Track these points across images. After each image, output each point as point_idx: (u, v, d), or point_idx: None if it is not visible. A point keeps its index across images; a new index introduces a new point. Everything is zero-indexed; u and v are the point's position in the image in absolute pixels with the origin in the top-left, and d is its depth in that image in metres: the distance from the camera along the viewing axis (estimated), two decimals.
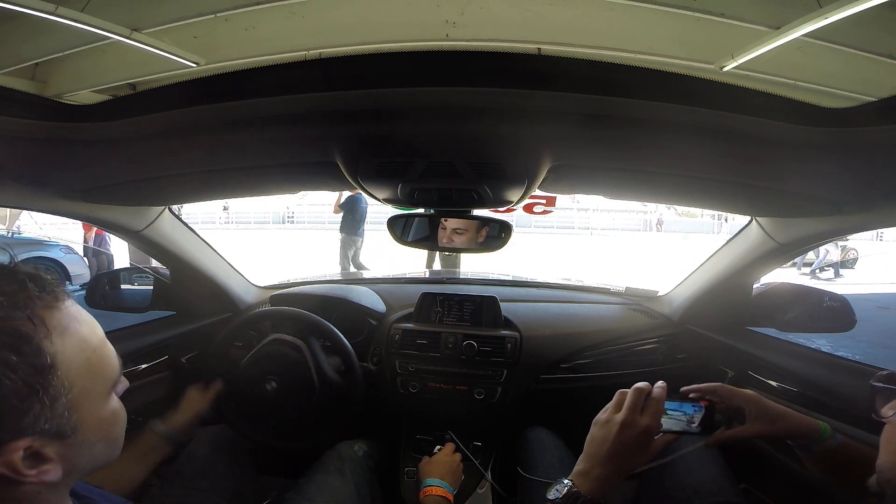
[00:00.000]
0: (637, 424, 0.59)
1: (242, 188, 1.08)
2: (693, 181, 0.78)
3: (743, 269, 1.13)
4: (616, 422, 0.60)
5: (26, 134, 0.62)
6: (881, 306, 5.86)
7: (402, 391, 1.29)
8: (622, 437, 0.59)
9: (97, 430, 0.42)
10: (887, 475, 0.48)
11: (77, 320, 0.42)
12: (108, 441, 0.45)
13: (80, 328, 0.42)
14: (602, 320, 1.39)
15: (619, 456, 0.59)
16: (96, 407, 0.42)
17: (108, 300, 1.31)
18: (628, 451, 0.59)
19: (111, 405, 0.45)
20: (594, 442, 0.61)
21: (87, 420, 0.41)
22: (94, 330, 0.44)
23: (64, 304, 0.41)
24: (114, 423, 0.45)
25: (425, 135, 0.67)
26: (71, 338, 0.40)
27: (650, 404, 0.61)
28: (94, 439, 0.42)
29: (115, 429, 0.45)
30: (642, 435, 0.59)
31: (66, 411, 0.39)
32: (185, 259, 1.24)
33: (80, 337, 0.41)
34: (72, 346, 0.40)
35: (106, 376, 0.44)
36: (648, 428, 0.59)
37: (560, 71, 0.54)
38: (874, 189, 0.68)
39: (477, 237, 1.09)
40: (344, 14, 0.99)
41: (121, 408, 0.46)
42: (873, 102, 0.52)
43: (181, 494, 0.89)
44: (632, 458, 0.59)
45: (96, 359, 0.42)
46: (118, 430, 0.46)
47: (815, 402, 0.93)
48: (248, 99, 0.58)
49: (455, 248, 1.13)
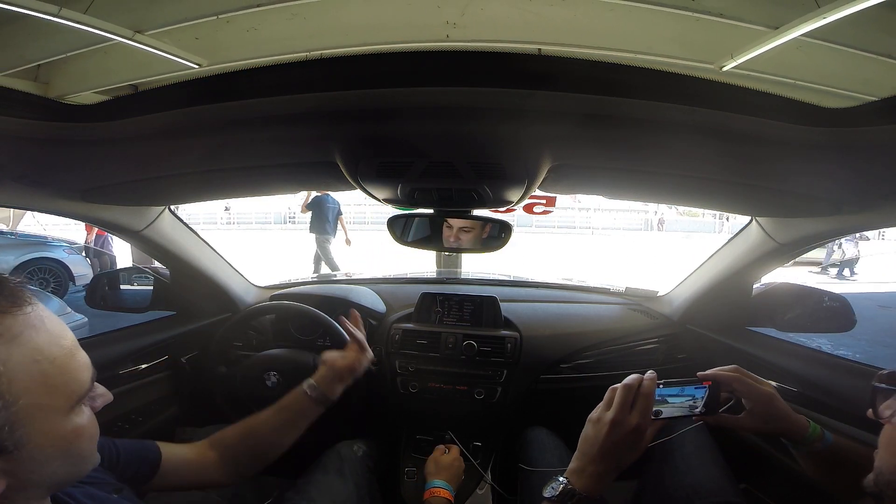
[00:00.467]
0: (627, 422, 0.60)
1: (243, 188, 1.08)
2: (693, 181, 0.78)
3: (743, 269, 1.13)
4: (606, 420, 0.60)
5: (27, 134, 0.62)
6: (882, 305, 5.86)
7: (402, 391, 1.29)
8: (613, 435, 0.59)
9: (53, 446, 0.40)
10: (887, 476, 0.47)
11: (36, 329, 0.39)
12: (68, 457, 0.41)
13: (36, 337, 0.39)
14: (602, 320, 1.39)
15: (612, 453, 0.59)
16: (52, 422, 0.39)
17: (108, 300, 1.31)
18: (620, 448, 0.59)
19: (75, 420, 0.41)
20: (588, 440, 0.61)
21: (38, 435, 0.38)
22: (59, 341, 0.41)
23: (22, 311, 0.38)
24: (76, 439, 0.42)
25: (425, 135, 0.67)
26: (22, 347, 0.38)
27: (639, 401, 0.61)
28: (49, 455, 0.39)
29: (77, 445, 0.42)
30: (633, 433, 0.59)
31: (8, 426, 0.36)
32: (185, 259, 1.24)
33: (33, 346, 0.38)
34: (22, 355, 0.37)
35: (68, 390, 0.41)
36: (638, 425, 0.60)
37: (560, 71, 0.54)
38: (874, 189, 0.68)
39: (482, 234, 1.10)
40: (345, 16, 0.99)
41: (90, 422, 0.43)
42: (873, 102, 0.52)
43: (181, 494, 0.89)
44: (624, 454, 0.60)
45: (55, 371, 0.39)
46: (83, 445, 0.43)
47: (815, 402, 0.93)
48: (248, 99, 0.58)
49: (459, 249, 1.14)
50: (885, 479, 0.48)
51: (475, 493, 1.19)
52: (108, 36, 0.89)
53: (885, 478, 0.48)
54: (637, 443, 0.60)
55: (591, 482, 0.58)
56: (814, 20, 0.50)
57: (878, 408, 0.50)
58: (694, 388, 0.67)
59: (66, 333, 0.42)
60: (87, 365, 0.44)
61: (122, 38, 0.89)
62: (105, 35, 0.88)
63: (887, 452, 0.48)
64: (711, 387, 0.67)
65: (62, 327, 0.42)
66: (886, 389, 0.49)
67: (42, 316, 0.40)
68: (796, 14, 0.52)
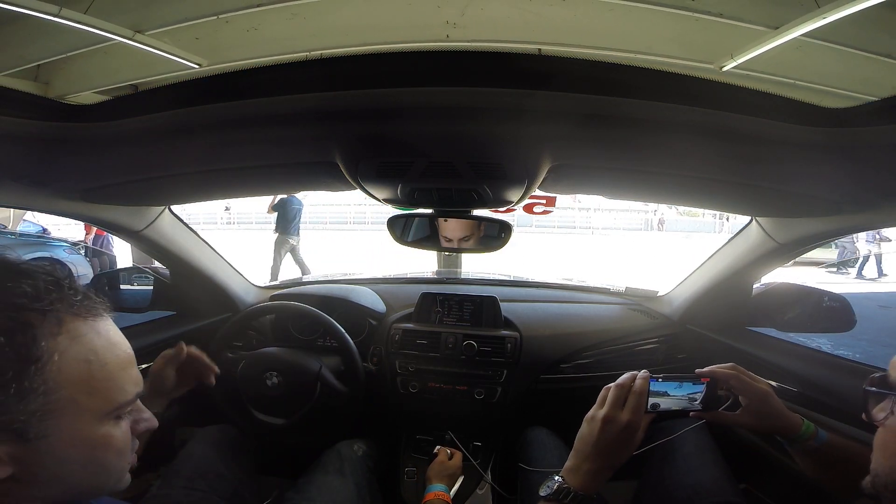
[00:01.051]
0: (618, 420, 0.61)
1: (243, 188, 1.08)
2: (693, 181, 0.78)
3: (743, 269, 1.13)
4: (599, 418, 0.62)
5: (27, 134, 0.62)
6: (882, 304, 5.86)
7: (402, 391, 1.29)
8: (606, 433, 0.61)
9: (76, 447, 0.40)
10: (883, 479, 0.48)
11: (99, 335, 0.42)
12: (89, 465, 0.41)
13: (96, 340, 0.41)
14: (602, 320, 1.39)
15: (606, 451, 0.61)
16: (83, 421, 0.40)
17: (108, 300, 1.31)
18: (613, 445, 0.61)
19: (107, 428, 0.42)
20: (582, 438, 0.63)
21: (64, 430, 0.39)
22: (116, 350, 0.43)
23: (94, 320, 0.42)
24: (103, 447, 0.42)
25: (425, 135, 0.67)
26: (81, 346, 0.40)
27: (630, 399, 0.62)
28: (69, 456, 0.40)
29: (103, 455, 0.42)
30: (625, 430, 0.61)
31: (40, 412, 0.37)
32: (185, 259, 1.24)
33: (90, 347, 0.41)
34: (78, 353, 0.40)
35: (109, 396, 0.42)
36: (630, 423, 0.61)
37: (560, 71, 0.54)
38: (874, 189, 0.68)
39: (478, 232, 1.10)
40: (345, 16, 0.99)
41: (123, 437, 0.44)
42: (873, 102, 0.53)
43: (180, 494, 0.89)
44: (618, 452, 0.61)
45: (102, 375, 0.41)
46: (108, 457, 0.42)
47: (815, 402, 0.93)
48: (248, 99, 0.58)
49: (456, 248, 1.14)
50: (881, 482, 0.48)
51: (475, 493, 1.19)
52: (109, 36, 0.88)
53: (881, 480, 0.48)
54: (630, 440, 0.61)
55: (587, 480, 0.60)
56: (814, 20, 0.50)
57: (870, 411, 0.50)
58: (692, 383, 0.69)
59: (125, 348, 0.45)
60: (138, 382, 0.45)
61: (123, 38, 0.89)
62: (105, 35, 0.88)
63: (882, 455, 0.48)
64: (709, 384, 0.69)
65: (124, 343, 0.45)
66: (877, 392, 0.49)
67: (109, 328, 0.44)
68: (796, 14, 0.52)
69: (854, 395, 0.84)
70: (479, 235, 1.10)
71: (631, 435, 0.61)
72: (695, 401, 0.69)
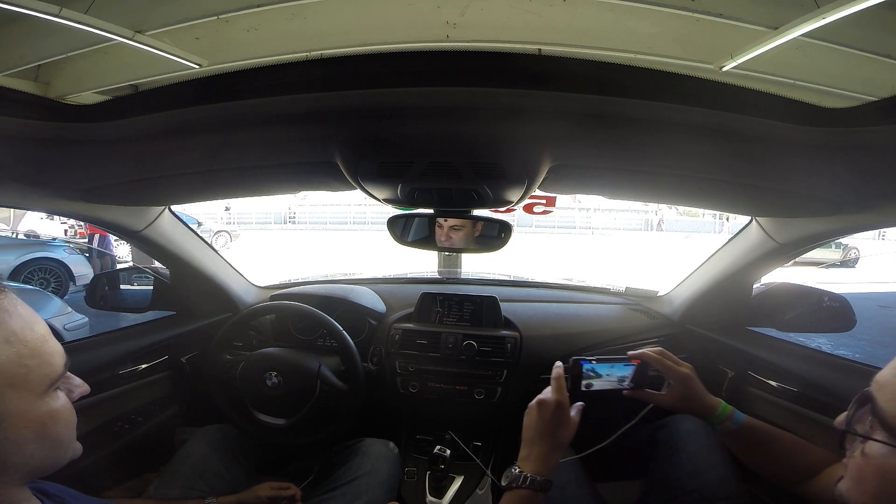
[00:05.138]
0: (547, 402, 0.69)
1: (243, 188, 1.08)
2: (693, 181, 0.78)
3: (743, 269, 1.13)
4: (532, 406, 0.71)
5: (27, 134, 0.62)
6: (882, 304, 5.86)
7: (402, 391, 1.29)
8: (541, 417, 0.69)
9: (28, 428, 0.41)
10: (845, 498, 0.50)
11: (8, 313, 0.41)
12: (44, 441, 0.42)
13: (9, 321, 0.41)
14: (602, 320, 1.39)
15: (547, 432, 0.68)
16: (26, 403, 0.41)
17: (108, 300, 1.31)
18: (550, 426, 0.68)
19: (49, 404, 0.43)
20: (526, 427, 0.70)
21: (12, 416, 0.40)
22: (32, 326, 0.43)
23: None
24: (51, 422, 0.43)
25: (425, 135, 0.67)
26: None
27: (552, 384, 0.72)
28: (24, 438, 0.41)
29: (53, 429, 0.43)
30: (556, 410, 0.68)
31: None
32: (184, 259, 1.24)
33: (7, 329, 0.41)
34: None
35: (41, 373, 0.42)
36: (557, 402, 0.69)
37: (560, 71, 0.54)
38: (874, 189, 0.68)
39: (473, 231, 1.10)
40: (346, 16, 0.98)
41: (65, 408, 0.45)
42: (874, 102, 0.53)
43: (179, 494, 0.89)
44: (558, 431, 0.68)
45: (28, 353, 0.41)
46: (59, 430, 0.44)
47: (815, 402, 0.93)
48: (248, 99, 0.58)
49: (454, 248, 1.14)
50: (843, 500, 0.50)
51: (475, 493, 1.19)
52: (109, 36, 0.88)
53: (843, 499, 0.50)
54: (563, 416, 0.69)
55: (538, 464, 0.66)
56: (814, 20, 0.50)
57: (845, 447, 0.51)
58: (623, 365, 0.76)
59: (38, 320, 0.44)
60: (60, 352, 0.45)
61: (123, 38, 0.89)
62: (105, 35, 0.88)
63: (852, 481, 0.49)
64: (639, 366, 0.76)
65: (34, 314, 0.44)
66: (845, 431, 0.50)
67: (14, 301, 0.43)
68: (796, 14, 0.51)
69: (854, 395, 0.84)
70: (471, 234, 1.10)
71: (562, 412, 0.69)
72: (625, 381, 0.76)
